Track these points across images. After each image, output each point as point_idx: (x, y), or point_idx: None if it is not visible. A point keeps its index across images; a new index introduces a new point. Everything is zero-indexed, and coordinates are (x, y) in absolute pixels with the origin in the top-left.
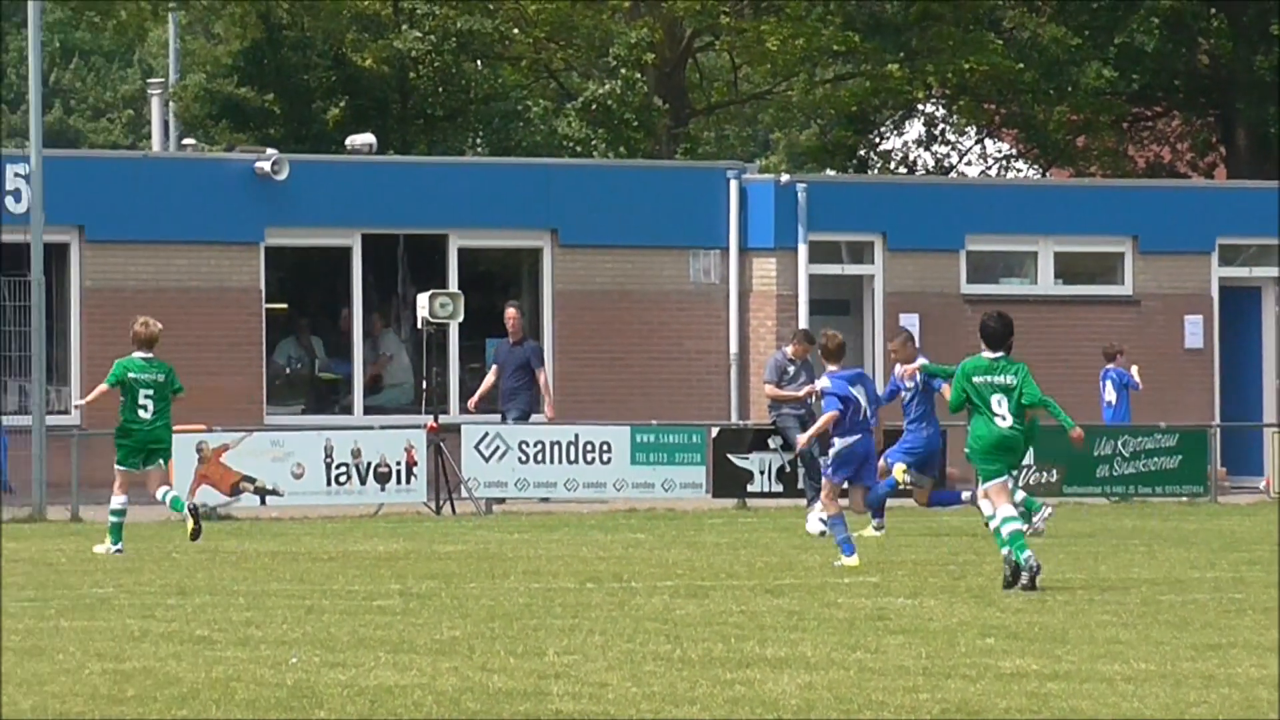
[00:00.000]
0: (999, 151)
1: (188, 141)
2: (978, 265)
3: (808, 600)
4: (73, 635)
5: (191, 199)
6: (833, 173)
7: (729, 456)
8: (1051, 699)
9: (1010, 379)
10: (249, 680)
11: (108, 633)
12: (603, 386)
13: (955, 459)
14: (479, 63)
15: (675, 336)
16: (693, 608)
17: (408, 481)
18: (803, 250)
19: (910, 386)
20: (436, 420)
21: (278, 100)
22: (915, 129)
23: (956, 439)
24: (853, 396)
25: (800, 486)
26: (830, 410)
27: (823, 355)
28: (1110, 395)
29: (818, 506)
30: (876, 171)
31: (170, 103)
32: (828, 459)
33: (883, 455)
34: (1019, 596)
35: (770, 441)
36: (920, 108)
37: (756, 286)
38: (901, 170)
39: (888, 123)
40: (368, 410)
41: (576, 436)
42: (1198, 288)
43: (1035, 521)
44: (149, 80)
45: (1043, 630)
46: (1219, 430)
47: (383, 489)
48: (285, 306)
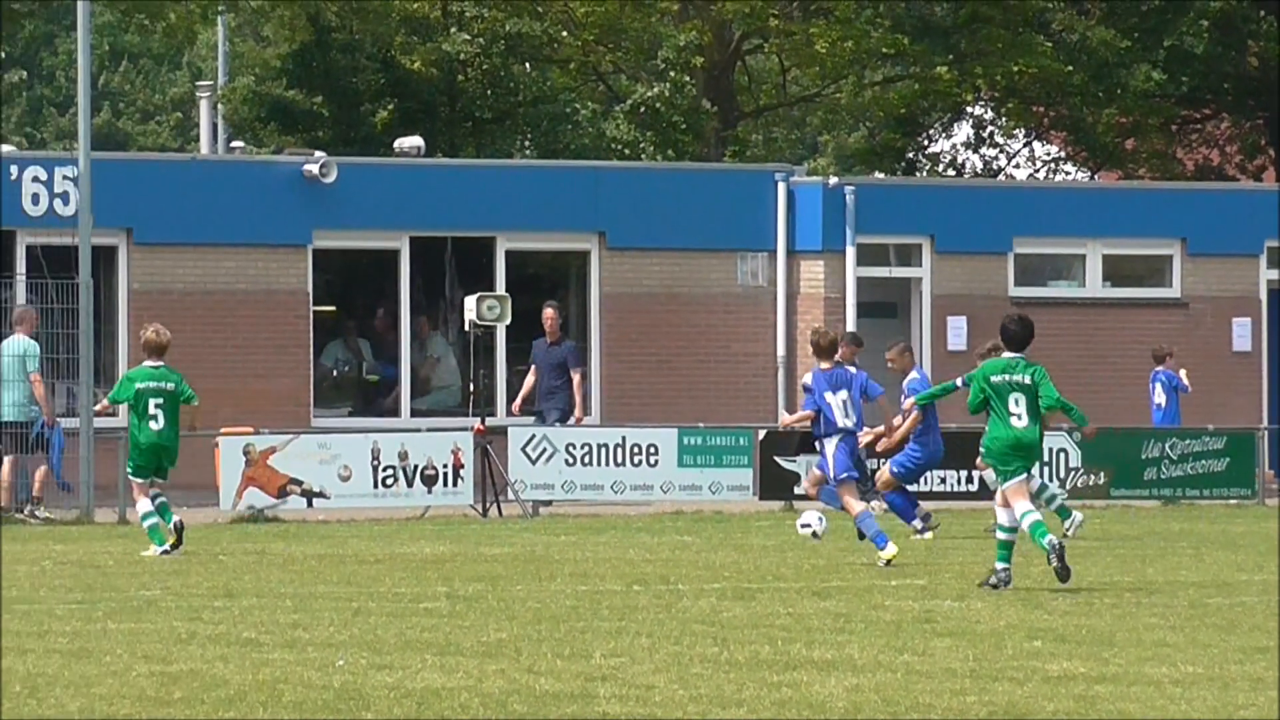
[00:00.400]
0: (1047, 154)
1: (236, 144)
2: (1026, 268)
3: (855, 603)
4: (120, 637)
5: (239, 201)
6: (881, 175)
7: (776, 459)
8: (1099, 702)
9: (1027, 378)
10: (296, 682)
11: (155, 635)
12: (650, 389)
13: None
14: (527, 65)
15: (723, 339)
16: (740, 610)
17: (454, 484)
18: (850, 253)
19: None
20: (483, 422)
21: (326, 103)
22: (964, 131)
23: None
24: (824, 404)
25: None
26: (808, 409)
27: (814, 352)
28: (1160, 398)
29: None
30: (925, 174)
31: (219, 105)
32: (822, 462)
33: (886, 463)
34: (1066, 599)
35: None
36: (969, 110)
37: (804, 289)
38: (950, 173)
39: (936, 125)
40: (415, 413)
41: (624, 439)
42: (1246, 290)
43: (1067, 529)
44: (198, 83)
45: (1090, 633)
46: (1267, 433)
47: (429, 491)
48: (334, 309)
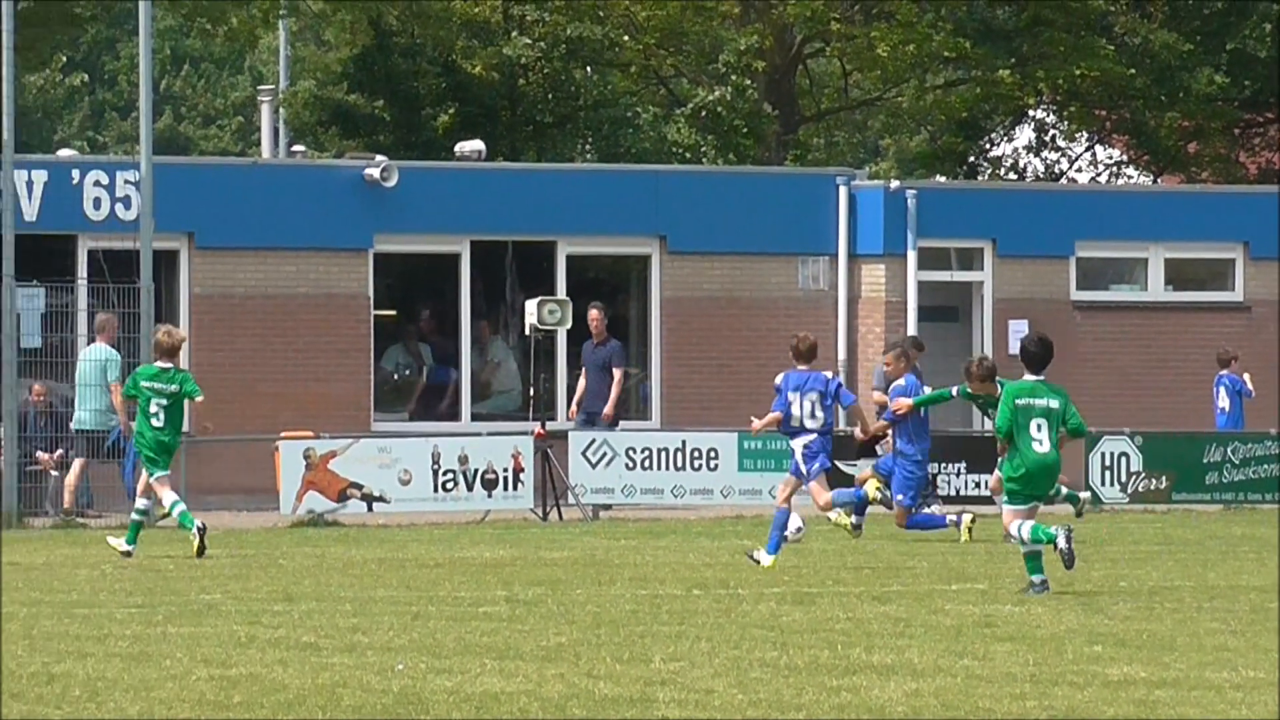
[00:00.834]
0: (1109, 158)
1: (297, 148)
2: (1087, 272)
3: (914, 607)
4: (180, 641)
5: (301, 205)
6: (942, 179)
7: (836, 463)
8: (1159, 706)
9: (1054, 403)
10: (355, 687)
11: (214, 639)
12: (710, 393)
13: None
14: (588, 69)
15: (783, 343)
16: (799, 614)
17: (515, 488)
18: (912, 257)
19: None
20: (544, 426)
21: (387, 107)
22: (1025, 135)
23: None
24: (786, 404)
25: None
26: (776, 410)
27: (793, 355)
28: (1224, 401)
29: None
30: (986, 178)
31: (280, 109)
32: (793, 464)
33: (874, 465)
34: (1127, 603)
35: (878, 448)
36: (1030, 114)
37: (865, 293)
38: (1011, 176)
39: (998, 129)
40: (475, 417)
41: (684, 443)
42: None
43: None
44: (259, 87)
45: (1150, 637)
46: None
47: (489, 495)
48: (394, 313)
